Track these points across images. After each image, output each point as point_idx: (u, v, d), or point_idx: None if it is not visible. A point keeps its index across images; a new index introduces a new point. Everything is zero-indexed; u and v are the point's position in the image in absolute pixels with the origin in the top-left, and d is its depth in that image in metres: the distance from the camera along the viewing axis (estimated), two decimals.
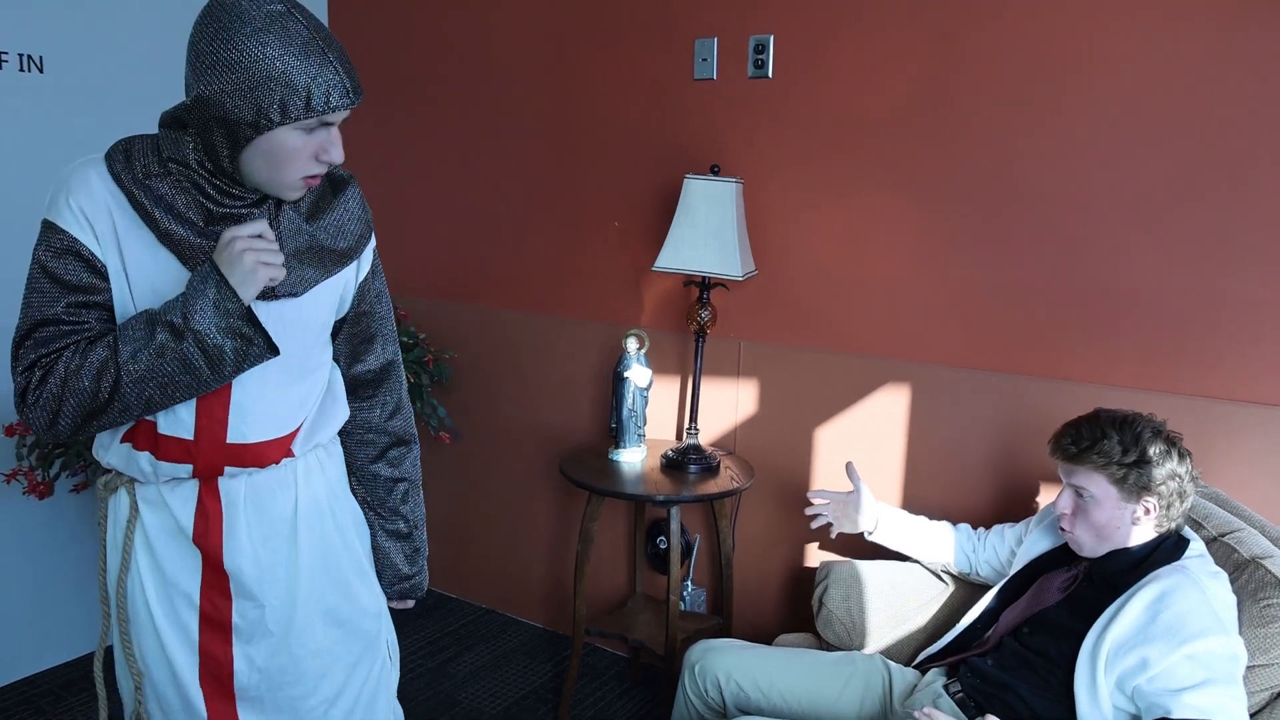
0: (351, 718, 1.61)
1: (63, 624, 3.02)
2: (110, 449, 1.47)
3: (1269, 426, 2.14)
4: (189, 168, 1.34)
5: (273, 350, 1.35)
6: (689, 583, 2.94)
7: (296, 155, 1.32)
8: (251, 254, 1.31)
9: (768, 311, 2.75)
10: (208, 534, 1.47)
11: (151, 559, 1.48)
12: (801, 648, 2.28)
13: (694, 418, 2.72)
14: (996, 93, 2.36)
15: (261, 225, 1.34)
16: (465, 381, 3.34)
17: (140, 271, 1.37)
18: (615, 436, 2.75)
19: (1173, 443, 1.81)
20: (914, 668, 2.11)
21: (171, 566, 1.48)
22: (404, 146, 3.39)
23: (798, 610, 2.78)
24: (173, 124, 1.36)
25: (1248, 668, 1.68)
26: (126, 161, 1.36)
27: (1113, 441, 1.79)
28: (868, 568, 2.30)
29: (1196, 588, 1.69)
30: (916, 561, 2.32)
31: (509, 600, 3.43)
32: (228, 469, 1.46)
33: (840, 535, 2.35)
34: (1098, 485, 1.80)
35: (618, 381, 2.70)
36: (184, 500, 1.46)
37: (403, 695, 2.87)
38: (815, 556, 2.74)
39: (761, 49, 2.67)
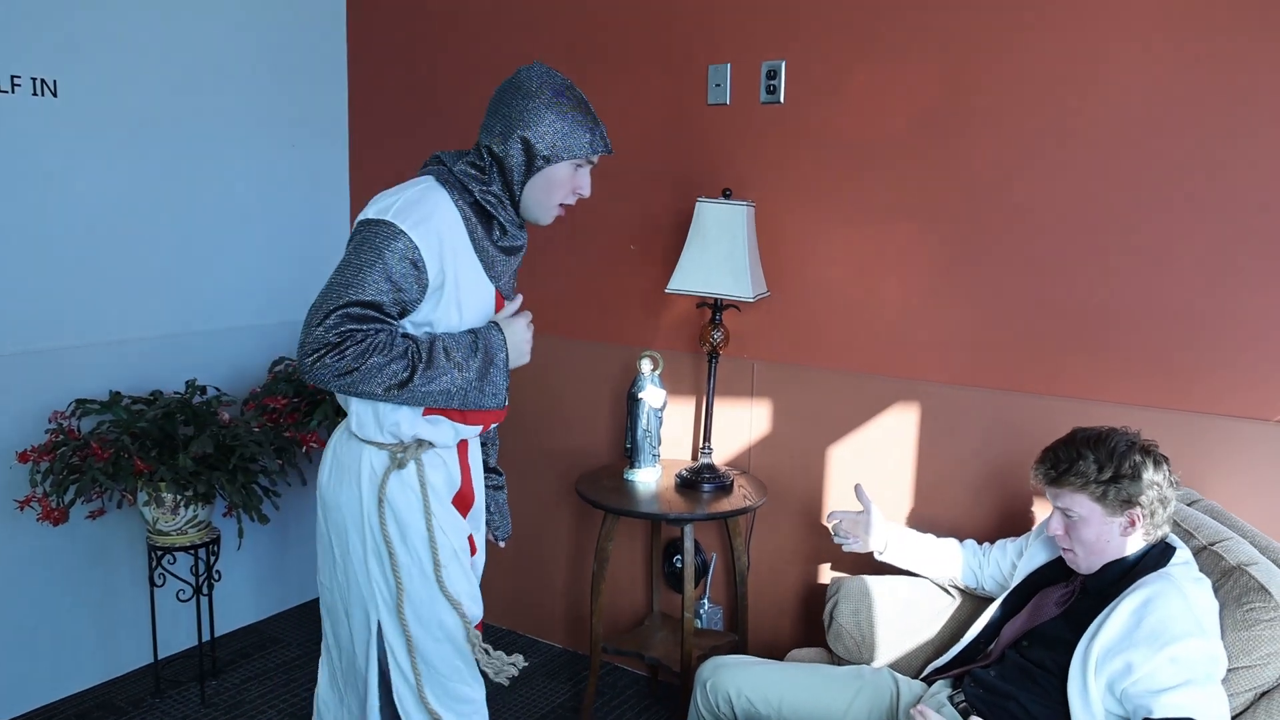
0: None
1: (77, 653, 3.18)
2: (416, 423, 1.92)
3: (1260, 440, 2.31)
4: (498, 199, 1.92)
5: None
6: (706, 600, 3.13)
7: (563, 185, 1.95)
8: (529, 343, 2.02)
9: (780, 332, 2.95)
10: (465, 483, 2.04)
11: (441, 506, 1.96)
12: (812, 662, 2.44)
13: (707, 437, 2.92)
14: (1001, 120, 2.56)
15: (528, 315, 2.02)
16: None
17: (455, 277, 1.87)
18: (630, 457, 2.94)
19: (1148, 452, 1.98)
20: (921, 680, 2.28)
21: (450, 514, 1.98)
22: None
23: (811, 626, 2.97)
24: (475, 163, 1.92)
25: (1232, 669, 1.85)
26: (462, 190, 1.90)
27: (1089, 461, 1.96)
28: (877, 583, 2.48)
29: (1179, 594, 1.86)
30: (925, 577, 2.50)
31: (527, 621, 3.64)
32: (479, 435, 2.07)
33: (851, 553, 2.53)
34: (1082, 505, 1.98)
35: (632, 402, 2.91)
36: (452, 460, 2.01)
37: None
38: (828, 573, 2.93)
39: (774, 75, 2.88)
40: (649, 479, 2.92)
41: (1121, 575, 1.97)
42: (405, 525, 1.92)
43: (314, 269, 3.70)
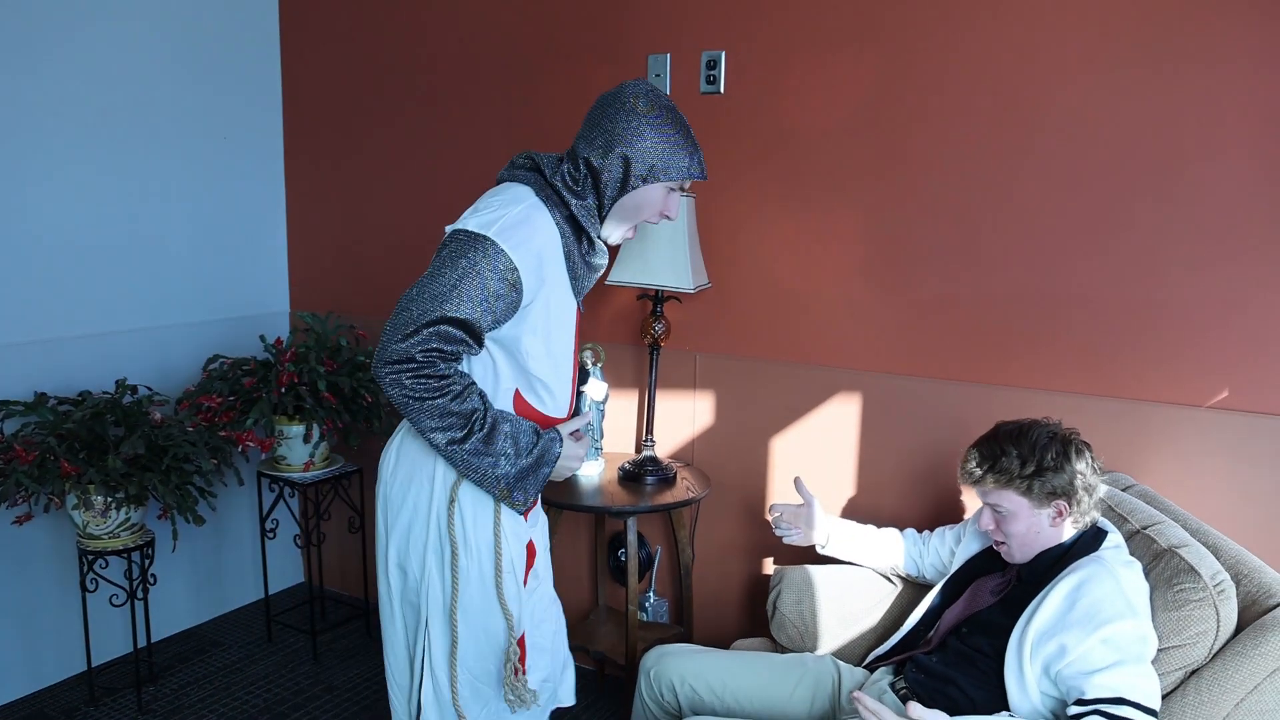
0: None
1: (7, 662, 3.11)
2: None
3: (1192, 426, 2.37)
4: (591, 214, 1.92)
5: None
6: (651, 594, 3.14)
7: (654, 206, 1.95)
8: (576, 465, 2.03)
9: (722, 324, 2.97)
10: None
11: (510, 518, 1.95)
12: (756, 651, 2.47)
13: (650, 430, 2.93)
14: (939, 111, 2.60)
15: (587, 444, 2.06)
16: None
17: (546, 298, 1.88)
18: None
19: (1069, 442, 2.02)
20: (864, 667, 2.31)
21: (515, 521, 1.97)
22: (362, 167, 3.60)
23: (755, 617, 2.99)
24: (573, 173, 1.90)
25: (1162, 649, 1.89)
26: (560, 203, 1.90)
27: (1011, 457, 1.99)
28: (819, 572, 2.50)
29: (1111, 576, 1.90)
30: (867, 567, 2.53)
31: None
32: None
33: (794, 545, 2.55)
34: (1008, 500, 2.01)
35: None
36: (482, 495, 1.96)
37: (370, 715, 3.06)
38: (772, 564, 2.95)
39: (714, 65, 2.89)
40: (592, 472, 2.93)
41: (1054, 561, 2.01)
42: (473, 528, 1.92)
43: (249, 264, 3.66)
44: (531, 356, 1.92)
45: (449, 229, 1.87)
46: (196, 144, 3.45)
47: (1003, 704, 1.95)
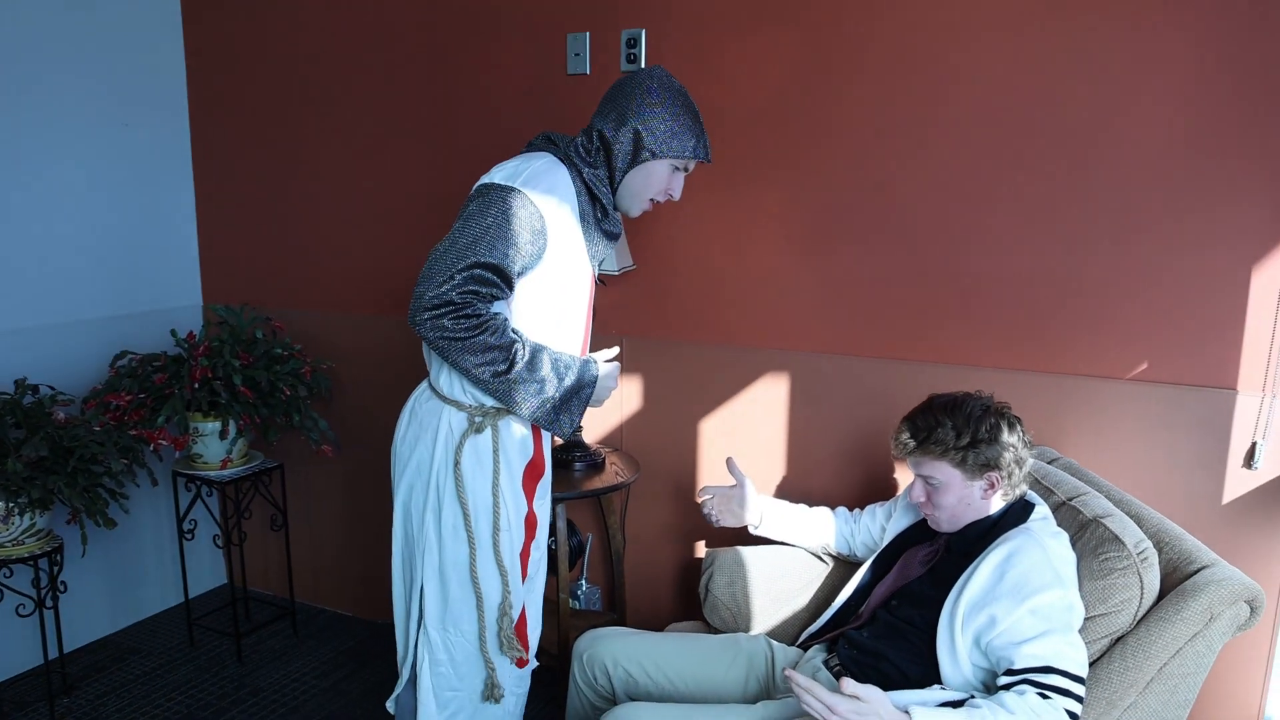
0: None
1: None
2: None
3: (1114, 398, 2.41)
4: (603, 182, 2.06)
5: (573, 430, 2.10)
6: (583, 581, 3.11)
7: (659, 182, 2.10)
8: (611, 393, 2.15)
9: (649, 306, 2.94)
10: (537, 451, 2.14)
11: (509, 475, 2.08)
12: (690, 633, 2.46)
13: None
14: (863, 89, 2.59)
15: (618, 367, 2.18)
16: (346, 392, 3.46)
17: (561, 252, 2.00)
18: None
19: (1002, 415, 2.03)
20: (798, 646, 2.31)
21: (517, 478, 2.10)
22: (275, 151, 3.49)
23: (689, 600, 2.98)
24: (586, 145, 2.06)
25: (1089, 618, 1.92)
26: (576, 169, 2.04)
27: (946, 429, 2.00)
28: (751, 554, 2.50)
29: (1039, 547, 1.92)
30: (799, 547, 2.53)
31: (389, 608, 3.52)
32: None
33: (726, 527, 2.54)
34: (942, 471, 2.02)
35: None
36: (527, 427, 2.10)
37: (296, 717, 2.99)
38: (704, 547, 2.94)
39: (634, 43, 2.85)
40: None
41: (984, 533, 2.03)
42: (472, 489, 2.04)
43: (157, 256, 3.53)
44: (545, 311, 2.03)
45: (475, 185, 2.01)
46: (94, 132, 3.31)
47: (935, 677, 1.97)
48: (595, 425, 3.06)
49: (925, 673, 1.99)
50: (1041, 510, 2.05)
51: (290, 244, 3.51)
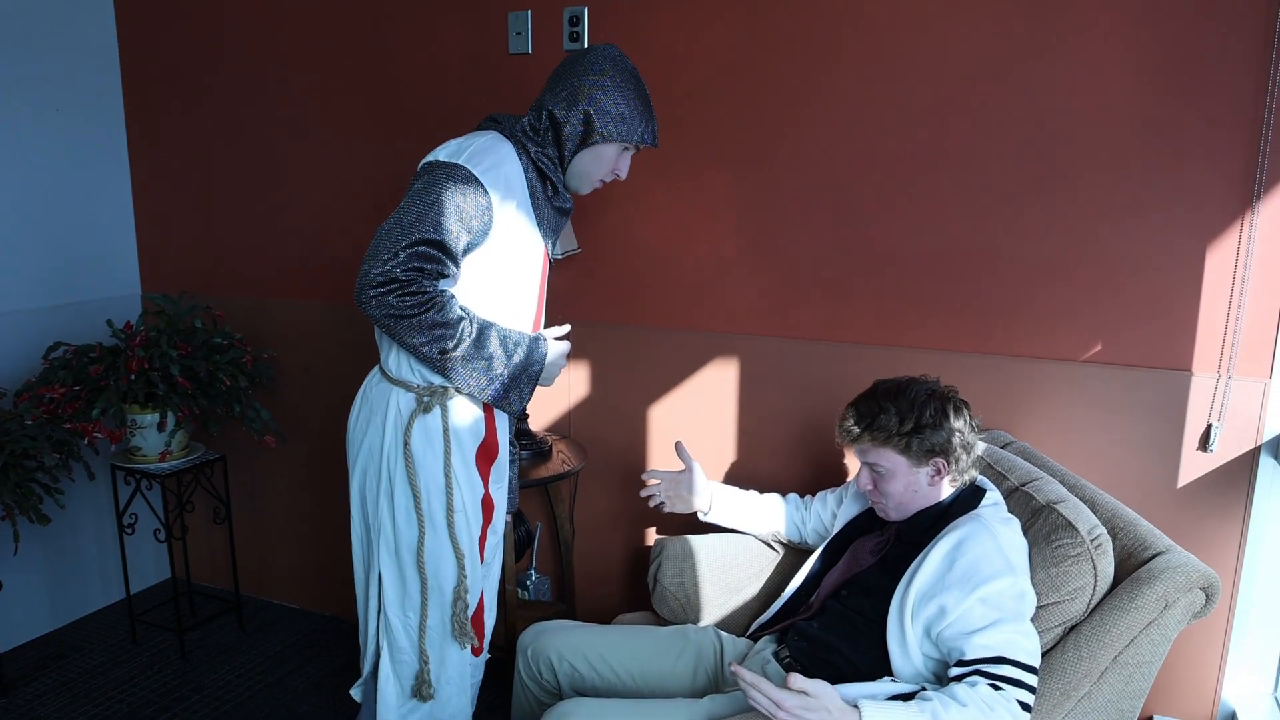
0: None
1: None
2: None
3: (1068, 381, 2.31)
4: (552, 161, 1.99)
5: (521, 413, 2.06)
6: (533, 571, 2.99)
7: (608, 164, 2.03)
8: (561, 370, 2.09)
9: (594, 291, 2.81)
10: (490, 434, 2.04)
11: (461, 456, 1.99)
12: (638, 625, 2.35)
13: None
14: (812, 62, 2.47)
15: (569, 345, 2.09)
16: (290, 381, 3.31)
17: (510, 226, 1.93)
18: None
19: (948, 399, 1.94)
20: (748, 637, 2.21)
21: (470, 460, 2.01)
22: (212, 139, 3.31)
23: (639, 590, 2.87)
24: (534, 129, 1.99)
25: (1042, 606, 1.82)
26: (523, 147, 1.97)
27: (890, 415, 1.91)
28: (700, 542, 2.39)
29: (989, 534, 1.82)
30: (749, 534, 2.42)
31: (331, 600, 3.43)
32: None
33: (675, 514, 2.43)
34: (886, 458, 1.93)
35: None
36: (479, 409, 2.01)
37: (242, 713, 2.86)
38: (654, 535, 2.83)
39: (576, 21, 2.72)
40: None
41: (933, 521, 1.93)
42: (423, 470, 1.97)
43: (93, 245, 3.36)
44: (494, 288, 1.96)
45: (420, 163, 1.93)
46: (24, 116, 3.12)
47: (886, 668, 1.87)
48: (542, 412, 2.93)
49: (876, 664, 1.89)
50: (993, 496, 1.95)
51: (231, 230, 3.35)
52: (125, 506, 3.19)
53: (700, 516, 2.39)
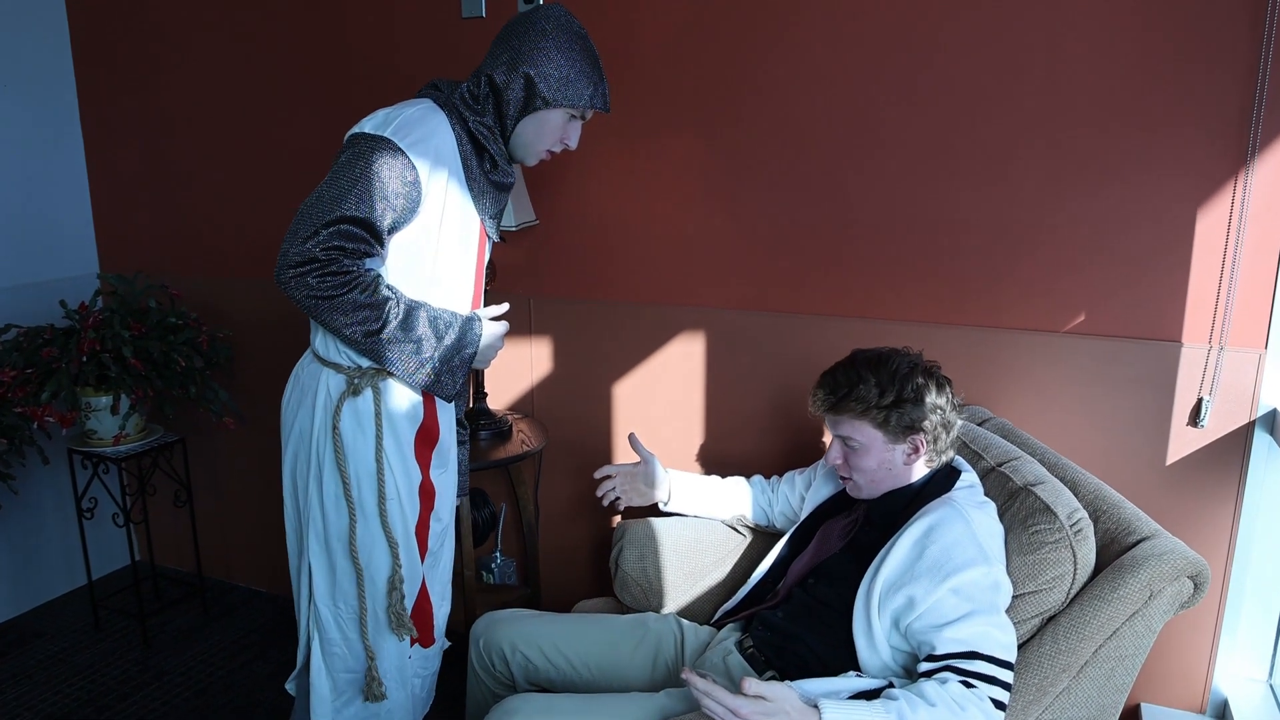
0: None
1: None
2: None
3: (1049, 353, 2.10)
4: (490, 131, 1.79)
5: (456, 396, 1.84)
6: (498, 554, 2.79)
7: (554, 132, 1.82)
8: (496, 352, 1.90)
9: (556, 264, 2.60)
10: (429, 416, 1.85)
11: (395, 441, 1.80)
12: (598, 613, 2.16)
13: (481, 381, 2.56)
14: (783, 18, 2.24)
15: (506, 325, 1.90)
16: (250, 361, 3.10)
17: (443, 201, 1.74)
18: None
19: (930, 374, 1.74)
20: (712, 624, 2.02)
21: (406, 445, 1.82)
22: (164, 115, 3.08)
23: (603, 574, 2.67)
24: (473, 90, 1.78)
25: (1018, 595, 1.64)
26: (458, 116, 1.76)
27: (870, 385, 1.72)
28: (664, 526, 2.19)
29: (962, 520, 1.62)
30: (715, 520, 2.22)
31: (285, 582, 3.20)
32: None
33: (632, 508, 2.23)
34: (862, 432, 1.73)
35: None
36: (415, 391, 1.82)
37: (202, 699, 2.69)
38: (619, 518, 2.63)
39: None
40: None
41: (905, 504, 1.74)
42: (354, 455, 1.79)
43: (46, 225, 3.14)
44: (425, 268, 1.77)
45: (347, 135, 1.74)
46: None
47: (852, 661, 1.68)
48: (503, 391, 2.72)
49: (842, 656, 1.71)
50: (968, 478, 1.75)
51: (187, 209, 3.12)
52: (83, 491, 2.99)
53: (661, 507, 2.19)
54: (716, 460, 2.47)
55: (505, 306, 1.93)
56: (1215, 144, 1.91)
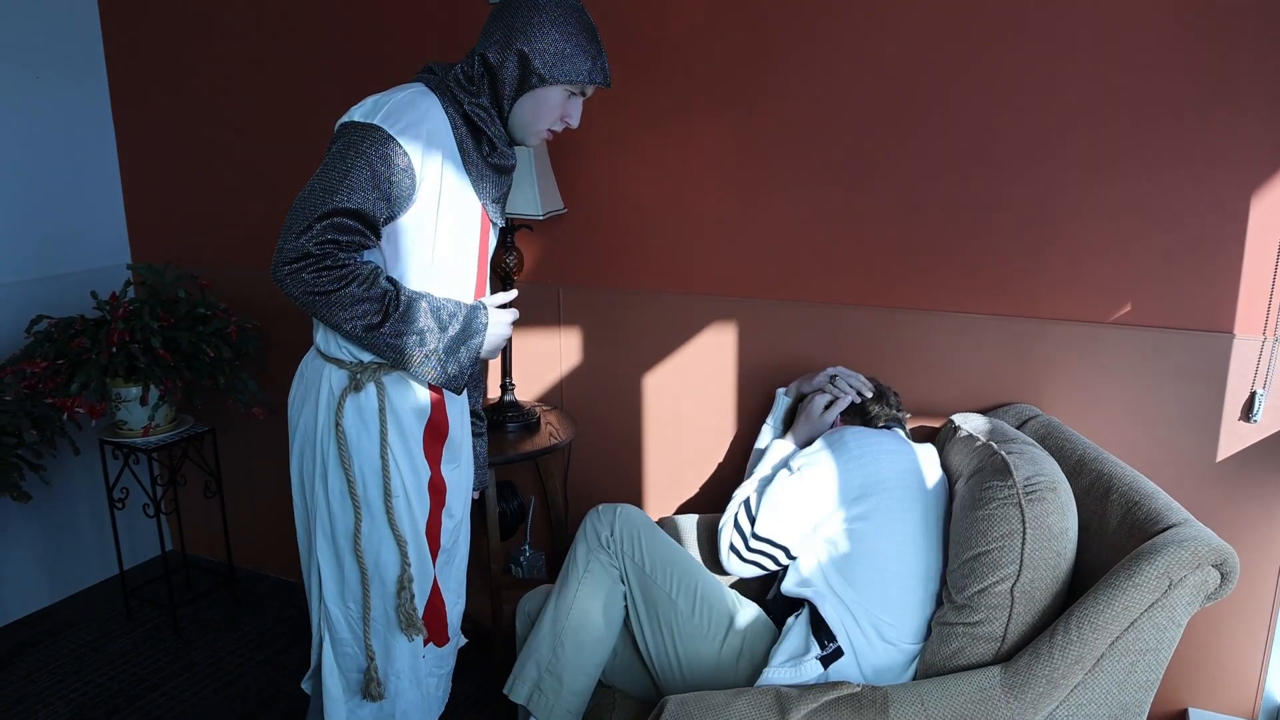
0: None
1: None
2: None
3: (1094, 346, 1.99)
4: (487, 112, 1.69)
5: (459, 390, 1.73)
6: (526, 547, 2.71)
7: (553, 110, 1.71)
8: (505, 341, 1.79)
9: (585, 253, 2.51)
10: (438, 411, 1.76)
11: (400, 436, 1.72)
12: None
13: (508, 372, 2.47)
14: (808, 6, 2.13)
15: (514, 314, 1.79)
16: (280, 352, 3.03)
17: (439, 186, 1.65)
18: None
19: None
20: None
21: (414, 441, 1.74)
22: (196, 103, 3.02)
23: None
24: (467, 71, 1.69)
25: (972, 555, 1.62)
26: (452, 99, 1.68)
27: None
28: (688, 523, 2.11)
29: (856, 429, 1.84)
30: None
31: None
32: None
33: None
34: None
35: None
36: (422, 385, 1.74)
37: (231, 690, 2.63)
38: (652, 509, 2.53)
39: None
40: None
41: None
42: (358, 452, 1.71)
43: (78, 215, 3.09)
44: (425, 257, 1.68)
45: (337, 124, 1.66)
46: (2, 84, 2.84)
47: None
48: (532, 382, 2.64)
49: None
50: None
51: (218, 199, 3.05)
52: (115, 481, 2.93)
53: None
54: (749, 453, 2.37)
55: (513, 294, 1.84)
56: (1270, 129, 1.79)
